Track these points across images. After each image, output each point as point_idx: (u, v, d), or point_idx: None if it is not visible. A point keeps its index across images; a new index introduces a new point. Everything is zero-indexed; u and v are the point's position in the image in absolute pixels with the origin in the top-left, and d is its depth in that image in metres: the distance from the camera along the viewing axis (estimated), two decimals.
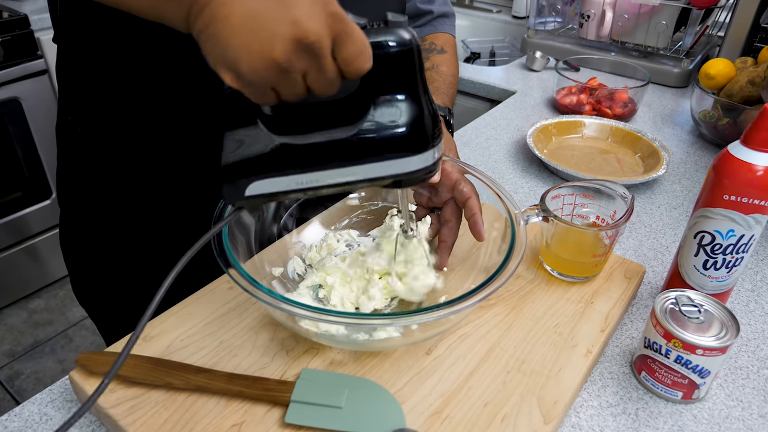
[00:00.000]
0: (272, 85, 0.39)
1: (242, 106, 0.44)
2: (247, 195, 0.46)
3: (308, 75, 0.39)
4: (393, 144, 0.46)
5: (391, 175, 0.47)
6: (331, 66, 0.39)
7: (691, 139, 1.10)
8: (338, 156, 0.46)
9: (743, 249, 0.60)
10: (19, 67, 1.66)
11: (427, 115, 0.46)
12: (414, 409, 0.52)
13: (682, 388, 0.56)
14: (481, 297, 0.51)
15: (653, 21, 1.31)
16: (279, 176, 0.46)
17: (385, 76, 0.44)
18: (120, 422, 0.50)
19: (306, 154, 0.45)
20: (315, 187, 0.47)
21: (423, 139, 0.46)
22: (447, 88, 0.77)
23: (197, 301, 0.63)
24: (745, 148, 0.56)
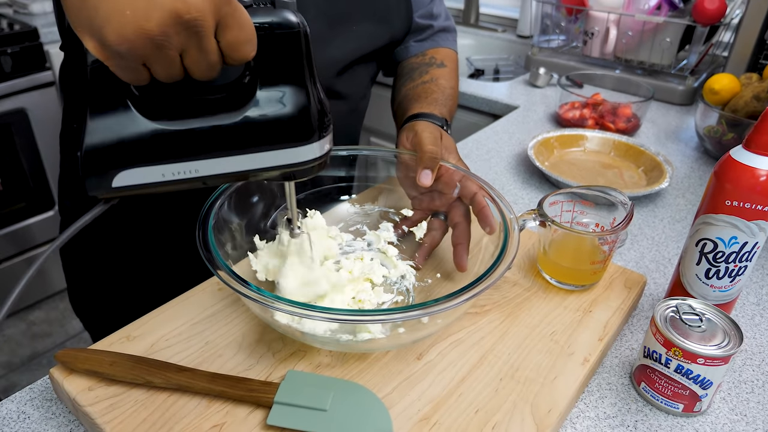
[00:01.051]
0: (143, 59, 0.36)
1: (110, 83, 0.39)
2: (114, 186, 0.42)
3: (186, 54, 0.36)
4: (277, 133, 0.43)
5: (277, 167, 0.44)
6: (212, 48, 0.37)
7: (695, 155, 1.09)
8: (218, 145, 0.42)
9: (747, 257, 0.58)
10: (27, 78, 1.67)
11: (314, 103, 0.44)
12: (402, 414, 0.50)
13: (683, 400, 0.54)
14: (462, 299, 0.49)
15: (657, 38, 1.30)
16: (151, 165, 0.42)
17: (270, 61, 0.41)
18: (97, 420, 0.48)
19: (182, 141, 0.42)
20: (193, 178, 0.43)
21: (308, 128, 0.44)
22: (445, 99, 0.76)
23: (185, 302, 0.61)
24: (748, 152, 0.55)
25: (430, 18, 0.87)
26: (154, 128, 0.41)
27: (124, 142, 0.41)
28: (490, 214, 0.60)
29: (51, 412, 0.53)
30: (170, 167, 0.42)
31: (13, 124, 1.71)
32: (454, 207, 0.64)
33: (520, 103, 1.31)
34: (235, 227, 0.60)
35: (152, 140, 0.41)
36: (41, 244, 1.91)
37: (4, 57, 1.61)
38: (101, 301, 0.83)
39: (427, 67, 0.82)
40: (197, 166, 0.43)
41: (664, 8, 1.28)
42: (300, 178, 0.47)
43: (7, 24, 1.75)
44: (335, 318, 0.47)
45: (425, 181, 0.61)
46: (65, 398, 0.52)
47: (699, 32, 1.26)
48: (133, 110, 0.41)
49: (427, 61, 0.83)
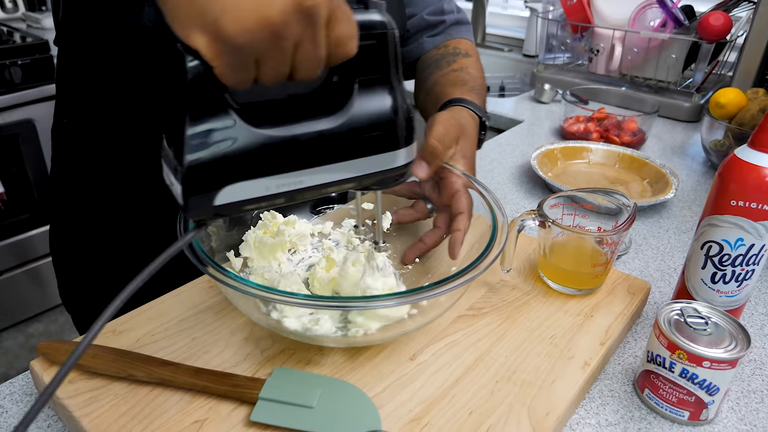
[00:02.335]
0: (259, 54, 0.33)
1: (210, 90, 0.36)
2: (217, 204, 0.38)
3: (300, 48, 0.34)
4: (375, 136, 0.42)
5: (375, 173, 0.43)
6: (323, 41, 0.35)
7: (702, 170, 1.07)
8: (323, 152, 0.40)
9: (754, 260, 0.56)
10: (36, 89, 1.69)
11: (403, 108, 0.43)
12: (392, 414, 0.48)
13: (688, 407, 0.51)
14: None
15: (663, 55, 1.30)
16: (258, 178, 0.38)
17: (365, 62, 0.40)
18: (74, 413, 0.46)
19: (288, 149, 0.39)
20: (297, 189, 0.40)
21: (407, 130, 0.43)
22: (480, 89, 0.74)
23: (174, 298, 0.60)
24: (754, 150, 0.54)
25: (441, 14, 0.85)
26: (260, 136, 0.38)
27: (230, 153, 0.37)
28: (460, 240, 0.58)
29: (29, 406, 0.51)
30: (276, 179, 0.39)
31: (21, 134, 1.72)
32: (444, 212, 0.63)
33: (525, 118, 1.30)
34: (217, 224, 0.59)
35: (259, 150, 0.38)
36: (43, 256, 1.91)
37: (14, 68, 1.63)
38: (91, 296, 0.82)
39: (453, 57, 0.79)
40: (303, 176, 0.40)
41: (670, 25, 1.28)
42: (391, 185, 0.46)
43: (19, 37, 1.78)
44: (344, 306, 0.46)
45: (420, 173, 0.59)
46: None
47: (705, 49, 1.25)
48: (238, 118, 0.37)
49: (451, 51, 0.81)
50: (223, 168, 0.37)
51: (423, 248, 0.63)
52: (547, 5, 1.54)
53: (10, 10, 2.06)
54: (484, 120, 0.69)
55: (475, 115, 0.68)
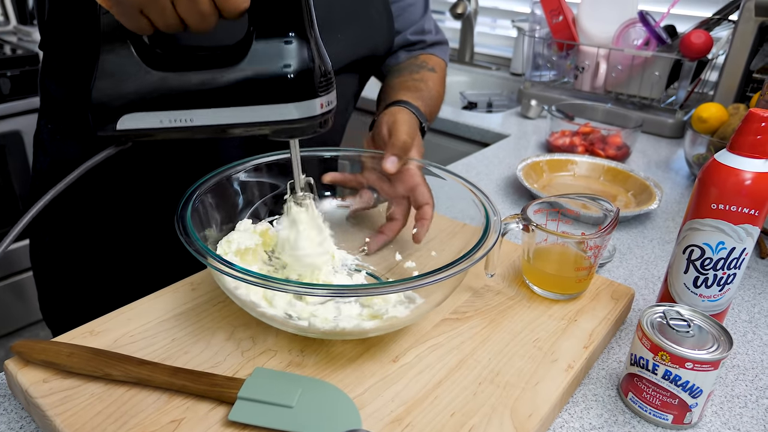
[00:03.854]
0: (140, 6, 0.39)
1: (118, 31, 0.43)
2: (119, 129, 0.45)
3: (178, 3, 0.39)
4: (271, 88, 0.44)
5: (270, 122, 0.45)
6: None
7: (685, 183, 1.08)
8: (214, 96, 0.44)
9: (735, 264, 0.57)
10: (24, 101, 1.69)
11: (314, 61, 0.44)
12: (373, 414, 0.47)
13: (672, 410, 0.51)
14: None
15: (647, 72, 1.32)
16: (151, 111, 0.45)
17: (268, 15, 0.43)
18: (47, 413, 0.45)
19: (180, 90, 0.44)
20: (189, 127, 0.45)
21: (307, 85, 0.44)
22: (430, 100, 0.77)
23: (154, 300, 0.59)
24: (732, 154, 0.54)
25: (422, 34, 0.88)
26: (154, 76, 0.44)
27: (127, 87, 0.44)
28: (425, 228, 0.63)
29: (2, 408, 0.50)
30: (167, 114, 0.45)
31: (8, 146, 1.71)
32: (400, 204, 0.66)
33: (512, 132, 1.31)
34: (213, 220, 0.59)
35: (152, 88, 0.44)
36: (26, 269, 1.88)
37: (3, 79, 1.62)
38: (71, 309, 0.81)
39: (418, 68, 0.82)
40: (192, 115, 0.45)
41: (653, 43, 1.31)
42: (299, 136, 0.47)
43: (10, 49, 1.78)
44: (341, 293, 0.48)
45: (390, 167, 0.62)
46: (18, 392, 0.49)
47: (687, 67, 1.28)
48: (137, 58, 0.44)
49: (419, 63, 0.84)
50: (122, 99, 0.44)
51: (385, 240, 0.66)
52: (533, 24, 1.57)
53: (2, 23, 2.07)
54: (423, 126, 0.74)
55: (417, 119, 0.72)
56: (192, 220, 0.51)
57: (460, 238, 0.61)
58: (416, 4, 0.86)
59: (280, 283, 0.45)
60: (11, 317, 1.93)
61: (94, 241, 0.77)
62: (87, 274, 0.79)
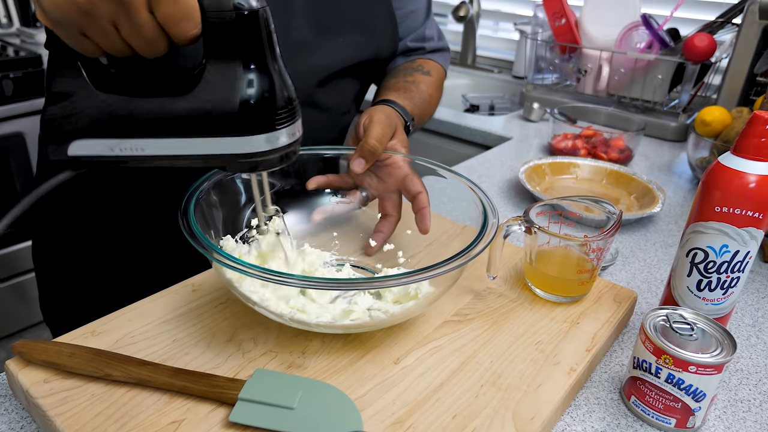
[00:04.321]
0: (80, 28, 0.37)
1: (69, 51, 0.41)
2: (70, 155, 0.43)
3: (120, 27, 0.37)
4: (222, 119, 0.41)
5: (225, 155, 0.43)
6: (145, 22, 0.37)
7: (688, 186, 1.08)
8: (164, 126, 0.42)
9: (739, 267, 0.56)
10: (26, 103, 1.69)
11: (273, 92, 0.41)
12: (374, 416, 0.47)
13: (675, 414, 0.51)
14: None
15: (649, 76, 1.32)
16: (101, 138, 0.42)
17: (222, 43, 0.40)
18: (48, 413, 0.45)
19: (129, 118, 0.42)
20: (140, 156, 0.43)
21: (261, 117, 0.42)
22: (420, 101, 0.77)
23: (155, 301, 0.59)
24: (737, 157, 0.54)
25: (422, 41, 0.88)
26: (103, 102, 0.42)
27: (76, 112, 0.42)
28: (427, 215, 0.62)
29: (3, 408, 0.50)
30: (118, 142, 0.43)
31: (10, 148, 1.71)
32: (390, 199, 0.66)
33: (514, 135, 1.31)
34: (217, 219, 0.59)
35: (100, 114, 0.42)
36: (28, 270, 1.88)
37: (6, 81, 1.63)
38: (73, 308, 0.81)
39: (412, 72, 0.83)
40: (143, 144, 0.43)
41: (656, 46, 1.31)
42: (259, 170, 0.45)
43: (13, 51, 1.79)
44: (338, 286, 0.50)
45: (356, 168, 0.63)
46: (19, 392, 0.49)
47: (690, 70, 1.27)
48: (87, 81, 0.42)
49: (414, 67, 0.84)
50: (71, 124, 0.42)
51: (382, 237, 0.65)
52: (536, 27, 1.57)
53: (5, 25, 2.07)
54: (408, 125, 0.74)
55: (401, 117, 0.72)
56: (195, 217, 0.51)
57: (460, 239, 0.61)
58: (419, 11, 0.86)
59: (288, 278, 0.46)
60: (13, 318, 1.93)
61: (96, 241, 0.77)
62: (88, 274, 0.79)
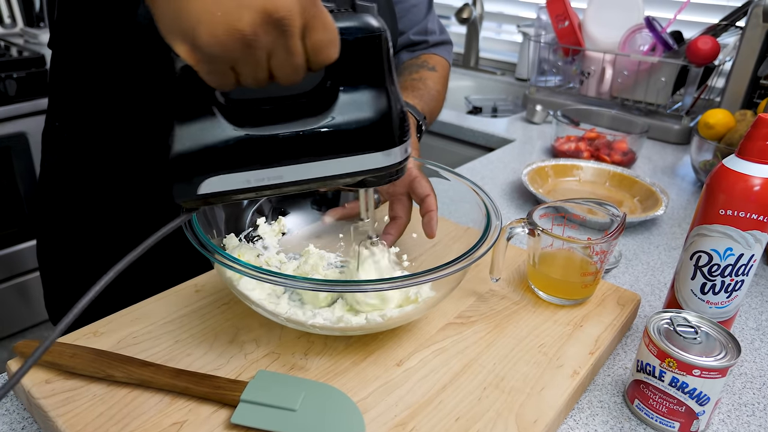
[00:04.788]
0: (233, 62, 0.35)
1: (197, 91, 0.39)
2: (200, 193, 0.42)
3: (273, 56, 0.36)
4: (359, 138, 0.42)
5: (357, 172, 0.44)
6: (298, 49, 0.36)
7: (692, 189, 1.08)
8: (302, 150, 0.42)
9: (743, 271, 0.56)
10: (30, 103, 1.69)
11: (396, 109, 0.43)
12: (377, 419, 0.47)
13: (679, 418, 0.50)
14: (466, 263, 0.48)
15: (653, 78, 1.32)
16: (237, 172, 0.41)
17: (351, 65, 0.41)
18: (50, 413, 0.45)
19: (267, 147, 0.41)
20: (276, 185, 0.43)
21: (390, 134, 0.43)
22: (429, 99, 0.77)
23: (158, 302, 0.59)
24: (741, 160, 0.54)
25: (424, 34, 0.89)
26: (240, 135, 0.41)
27: (211, 149, 0.40)
28: (434, 218, 0.61)
29: (4, 408, 0.50)
30: (255, 174, 0.42)
31: (13, 147, 1.71)
32: (400, 201, 0.65)
33: (517, 137, 1.31)
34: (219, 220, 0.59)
35: (238, 147, 0.41)
36: (30, 270, 1.88)
37: (9, 81, 1.63)
38: None
39: (418, 68, 0.82)
40: (281, 172, 0.42)
41: (659, 49, 1.30)
42: (378, 184, 0.47)
43: (16, 51, 1.79)
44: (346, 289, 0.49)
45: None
46: (20, 392, 0.49)
47: (693, 73, 1.27)
48: (220, 117, 0.40)
49: (419, 63, 0.84)
50: (204, 161, 0.41)
51: (391, 240, 0.64)
52: (539, 29, 1.57)
53: (9, 25, 2.07)
54: (421, 123, 0.73)
55: (413, 116, 0.71)
56: (197, 216, 0.51)
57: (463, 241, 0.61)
58: (420, 4, 0.87)
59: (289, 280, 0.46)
60: (15, 318, 1.93)
61: (100, 241, 0.77)
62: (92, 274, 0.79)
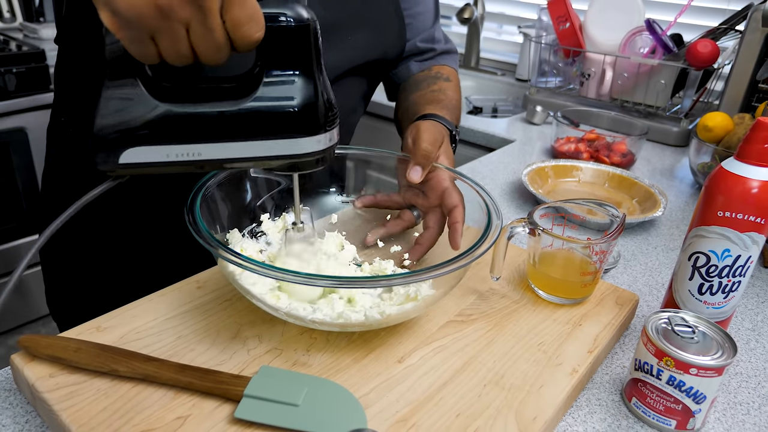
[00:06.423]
0: (151, 31, 0.37)
1: (124, 62, 0.41)
2: (121, 162, 0.43)
3: (192, 30, 0.37)
4: (281, 122, 0.44)
5: (278, 156, 0.45)
6: (218, 26, 0.37)
7: (690, 191, 1.09)
8: (223, 130, 0.44)
9: (740, 272, 0.57)
10: (29, 98, 1.69)
11: (321, 97, 0.44)
12: (378, 414, 0.47)
13: (675, 416, 0.51)
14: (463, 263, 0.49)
15: (652, 80, 1.33)
16: (157, 145, 0.43)
17: (278, 52, 0.43)
18: (54, 407, 0.45)
19: (187, 124, 0.43)
20: (197, 161, 0.44)
21: (313, 120, 0.44)
22: (452, 108, 0.78)
23: (160, 297, 0.59)
24: (740, 162, 0.55)
25: (431, 42, 0.89)
26: (161, 109, 0.42)
27: (132, 120, 0.42)
28: (459, 230, 0.61)
29: (8, 402, 0.50)
30: (174, 148, 0.43)
31: (12, 143, 1.71)
32: (434, 212, 0.65)
33: (517, 138, 1.32)
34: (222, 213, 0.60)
35: (159, 121, 0.42)
36: (30, 265, 1.88)
37: (9, 76, 1.63)
38: (79, 302, 0.81)
39: (434, 80, 0.83)
40: (200, 149, 0.44)
41: (659, 51, 1.31)
42: (304, 170, 0.48)
43: (15, 46, 1.79)
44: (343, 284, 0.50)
45: (414, 177, 0.62)
46: (24, 386, 0.49)
47: (693, 76, 1.28)
48: (144, 90, 0.42)
49: (433, 75, 0.85)
50: (125, 133, 0.42)
51: (421, 250, 0.65)
52: (540, 30, 1.57)
53: (8, 20, 2.07)
54: (454, 133, 0.74)
55: (446, 128, 0.72)
56: (201, 211, 0.52)
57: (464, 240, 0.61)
58: (427, 12, 0.87)
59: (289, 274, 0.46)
60: (14, 314, 1.93)
61: (102, 237, 0.78)
62: (94, 270, 0.79)
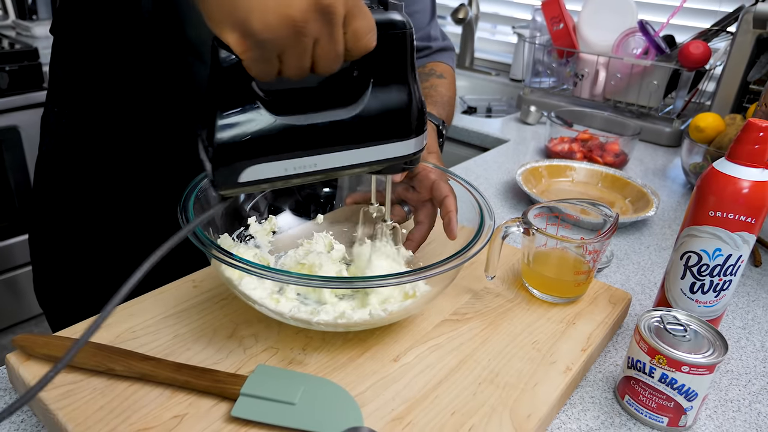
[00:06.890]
0: (282, 49, 0.37)
1: (239, 82, 0.41)
2: (241, 181, 0.42)
3: (318, 44, 0.38)
4: (387, 127, 0.45)
5: (382, 160, 0.47)
6: (341, 38, 0.39)
7: (682, 191, 1.10)
8: (337, 139, 0.44)
9: (731, 271, 0.58)
10: (22, 96, 1.68)
11: (417, 101, 0.46)
12: (375, 413, 0.47)
13: (667, 413, 0.52)
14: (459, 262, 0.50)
15: (645, 81, 1.34)
16: (277, 160, 0.43)
17: (381, 58, 0.44)
18: (50, 407, 0.45)
19: (307, 136, 0.43)
20: (310, 172, 0.45)
21: (413, 124, 0.46)
22: (443, 104, 0.79)
23: (157, 296, 0.59)
24: (731, 163, 0.55)
25: (428, 40, 0.90)
26: (281, 124, 0.42)
27: (254, 137, 0.41)
28: (454, 219, 0.61)
29: (4, 401, 0.50)
30: (293, 162, 0.44)
31: (4, 141, 1.70)
32: (424, 207, 0.65)
33: (511, 138, 1.32)
34: None
35: (280, 136, 0.42)
36: (21, 265, 1.87)
37: (2, 74, 1.62)
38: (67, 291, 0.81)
39: (427, 77, 0.84)
40: (316, 160, 0.44)
41: (652, 52, 1.32)
42: (396, 172, 0.50)
43: (8, 44, 1.78)
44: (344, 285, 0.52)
45: (398, 176, 0.62)
46: (20, 385, 0.49)
47: (685, 76, 1.29)
48: (261, 107, 0.42)
49: (426, 72, 0.85)
50: (247, 150, 0.42)
51: (413, 245, 0.65)
52: (534, 31, 1.58)
53: (1, 17, 2.06)
54: (441, 128, 0.75)
55: (432, 123, 0.73)
56: (195, 211, 0.52)
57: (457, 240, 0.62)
58: (423, 11, 0.87)
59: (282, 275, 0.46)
60: (6, 313, 1.92)
61: (96, 236, 0.78)
62: (89, 269, 0.79)
